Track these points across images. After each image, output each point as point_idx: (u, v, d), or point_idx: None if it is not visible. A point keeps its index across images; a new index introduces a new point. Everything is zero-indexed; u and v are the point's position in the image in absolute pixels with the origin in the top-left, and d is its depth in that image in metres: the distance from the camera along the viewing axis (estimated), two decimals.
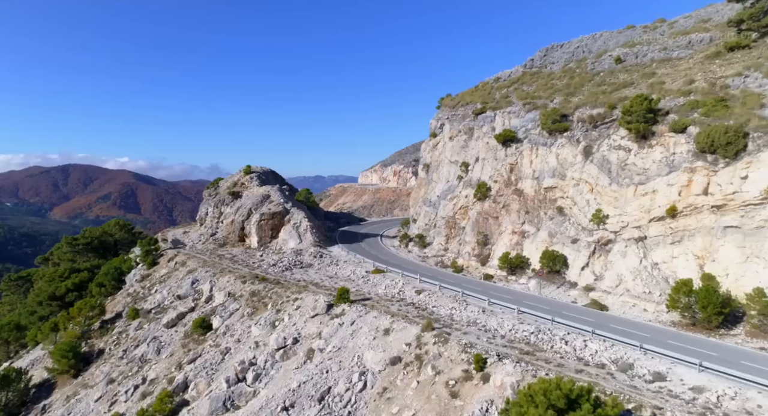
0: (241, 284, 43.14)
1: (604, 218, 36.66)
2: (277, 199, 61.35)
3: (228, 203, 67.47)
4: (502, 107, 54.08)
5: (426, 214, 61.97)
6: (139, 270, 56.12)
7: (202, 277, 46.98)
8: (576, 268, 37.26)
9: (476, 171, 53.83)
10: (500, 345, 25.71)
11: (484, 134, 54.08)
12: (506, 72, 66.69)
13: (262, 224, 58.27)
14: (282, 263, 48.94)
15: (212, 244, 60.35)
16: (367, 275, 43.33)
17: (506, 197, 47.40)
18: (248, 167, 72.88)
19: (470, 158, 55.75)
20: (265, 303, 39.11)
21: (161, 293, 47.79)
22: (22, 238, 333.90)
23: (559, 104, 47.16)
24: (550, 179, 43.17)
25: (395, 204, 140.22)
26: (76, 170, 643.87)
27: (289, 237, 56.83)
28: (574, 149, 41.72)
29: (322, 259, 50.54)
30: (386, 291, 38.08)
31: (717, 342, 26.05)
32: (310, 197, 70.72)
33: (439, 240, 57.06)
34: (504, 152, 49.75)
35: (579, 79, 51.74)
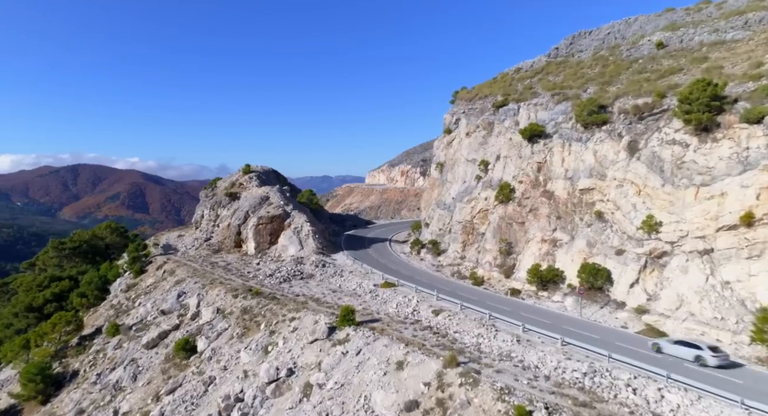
0: (232, 298, 37.95)
1: (657, 225, 30.85)
2: (277, 201, 56.20)
3: (225, 205, 62.50)
4: (526, 98, 48.36)
5: (440, 218, 56.39)
6: (125, 279, 51.32)
7: (190, 289, 41.89)
8: (623, 285, 31.47)
9: (497, 170, 48.16)
10: (546, 391, 20.11)
11: (507, 129, 48.40)
12: (528, 62, 60.93)
13: (259, 229, 53.15)
14: (280, 274, 43.71)
15: (206, 250, 55.35)
16: (375, 289, 37.91)
17: (534, 200, 41.70)
18: (247, 166, 67.89)
19: (490, 156, 50.10)
20: (258, 323, 33.86)
21: (145, 306, 42.80)
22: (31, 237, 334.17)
23: (595, 93, 41.37)
24: (586, 179, 37.42)
25: (403, 205, 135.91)
26: (85, 170, 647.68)
27: (289, 243, 51.62)
28: (615, 144, 35.93)
29: (325, 269, 45.20)
30: (398, 311, 32.61)
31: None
32: (313, 199, 65.44)
33: (454, 247, 51.47)
34: (530, 148, 44.03)
35: (615, 67, 45.88)
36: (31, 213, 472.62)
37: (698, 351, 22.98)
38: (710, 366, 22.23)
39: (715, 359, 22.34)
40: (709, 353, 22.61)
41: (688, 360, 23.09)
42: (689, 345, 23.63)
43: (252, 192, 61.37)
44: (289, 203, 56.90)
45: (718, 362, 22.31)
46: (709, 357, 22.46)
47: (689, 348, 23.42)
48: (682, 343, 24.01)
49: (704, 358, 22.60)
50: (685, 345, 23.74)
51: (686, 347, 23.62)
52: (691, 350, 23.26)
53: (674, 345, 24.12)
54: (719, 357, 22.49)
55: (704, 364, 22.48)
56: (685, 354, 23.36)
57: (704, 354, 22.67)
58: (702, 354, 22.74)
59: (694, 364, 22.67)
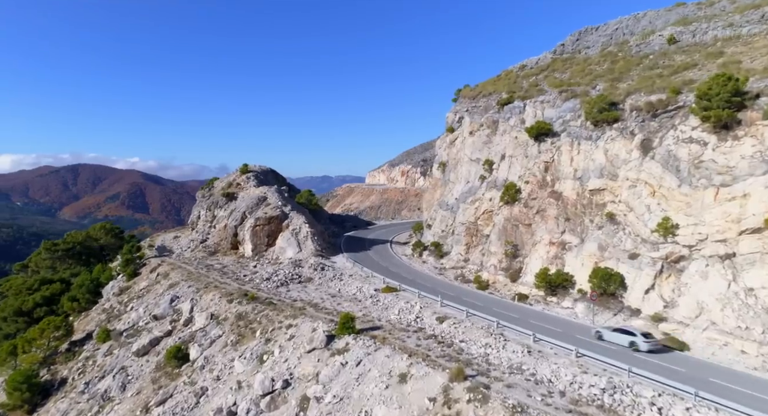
0: (227, 303, 36.37)
1: (673, 228, 29.22)
2: (275, 201, 54.61)
3: (222, 205, 60.95)
4: (532, 96, 46.75)
5: (442, 219, 54.79)
6: (118, 282, 49.75)
7: (184, 293, 40.31)
8: (638, 290, 29.84)
9: (502, 170, 46.56)
10: (562, 409, 18.52)
11: (512, 128, 46.80)
12: (533, 59, 59.33)
13: (256, 230, 51.57)
14: (277, 277, 42.13)
15: (202, 252, 53.78)
16: (376, 294, 36.32)
17: (541, 201, 40.09)
18: (245, 165, 66.32)
19: (495, 155, 48.50)
20: (253, 330, 32.27)
21: (137, 311, 41.24)
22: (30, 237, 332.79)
23: (605, 90, 39.75)
24: (596, 179, 35.81)
25: (403, 205, 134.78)
26: (85, 170, 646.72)
27: (287, 245, 50.03)
28: (627, 142, 34.31)
29: (324, 272, 43.61)
30: (400, 317, 31.01)
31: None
32: (312, 199, 63.83)
33: (458, 249, 49.87)
34: (537, 147, 42.43)
35: (624, 63, 44.27)
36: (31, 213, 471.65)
37: (632, 338, 24.60)
38: (642, 351, 23.87)
39: (647, 344, 24.03)
40: (642, 339, 24.27)
41: (624, 345, 24.67)
42: (625, 332, 25.18)
43: (249, 192, 59.81)
44: (287, 203, 55.33)
45: (649, 347, 23.98)
46: (642, 342, 24.14)
47: (625, 335, 25.03)
48: (619, 330, 25.66)
49: (637, 344, 24.32)
50: (622, 332, 25.29)
51: (623, 334, 25.20)
52: (627, 336, 24.88)
53: (613, 332, 25.66)
54: (650, 343, 24.15)
55: (637, 349, 24.16)
56: (622, 340, 24.95)
57: (637, 340, 24.36)
58: (635, 340, 24.43)
59: (628, 349, 24.29)
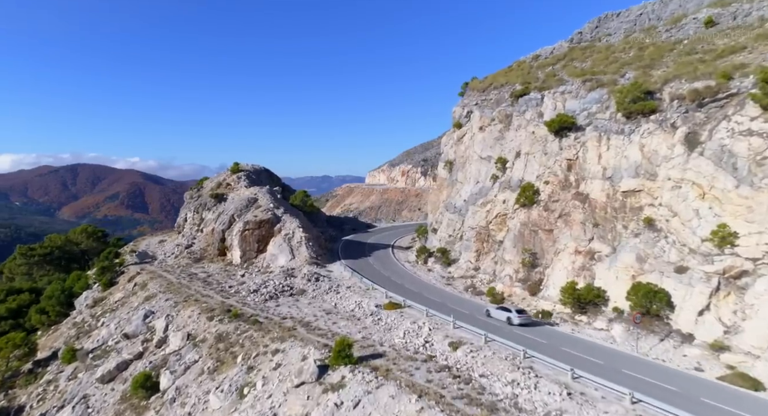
0: (207, 321, 31.74)
1: (731, 237, 24.57)
2: (266, 203, 49.97)
3: (210, 207, 56.40)
4: (551, 86, 42.09)
5: (449, 223, 50.16)
6: (92, 292, 45.16)
7: (160, 308, 35.68)
8: (689, 311, 25.17)
9: (517, 169, 41.90)
10: None
11: (528, 122, 42.14)
12: (547, 48, 54.68)
13: (245, 235, 46.93)
14: (266, 289, 37.49)
15: (186, 258, 49.15)
16: (377, 311, 31.65)
17: (564, 204, 35.44)
18: (236, 164, 61.72)
19: (508, 153, 43.85)
20: (234, 355, 27.64)
21: (108, 327, 36.62)
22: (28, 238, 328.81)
23: (636, 78, 35.08)
24: (631, 179, 31.16)
25: (404, 205, 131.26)
26: (85, 170, 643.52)
27: (278, 252, 45.39)
28: (668, 136, 29.65)
29: (319, 283, 38.95)
30: (406, 342, 26.33)
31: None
32: (307, 201, 59.08)
33: (467, 256, 45.25)
34: (558, 143, 37.79)
35: (655, 50, 39.57)
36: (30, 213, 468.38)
37: (508, 314, 28.78)
38: (514, 324, 27.98)
39: (518, 319, 28.22)
40: (515, 315, 28.45)
41: (503, 320, 28.81)
42: (504, 309, 29.60)
43: (240, 194, 55.23)
44: (280, 205, 50.68)
45: (521, 321, 28.17)
46: (515, 317, 28.33)
47: (504, 312, 29.33)
48: (501, 308, 30.16)
49: (512, 319, 28.40)
50: (502, 310, 29.73)
51: (502, 311, 29.57)
52: (505, 313, 29.13)
53: (497, 311, 30.11)
54: (521, 318, 28.37)
55: (511, 323, 28.25)
56: (502, 316, 29.18)
57: (512, 316, 28.51)
58: (510, 316, 28.58)
59: (506, 324, 28.31)
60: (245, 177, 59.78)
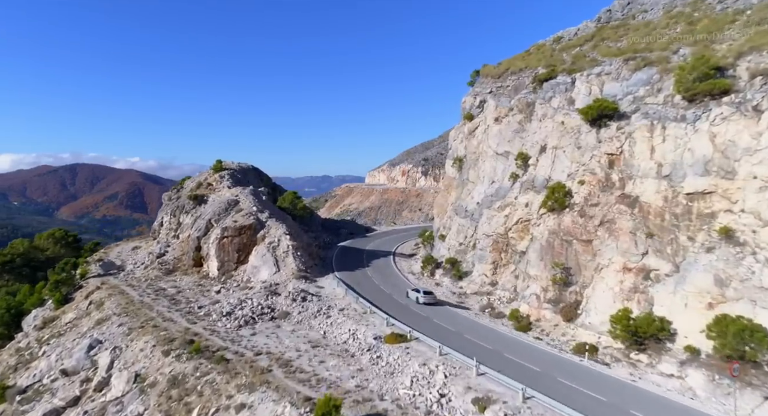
0: (162, 357, 25.22)
1: None
2: (248, 206, 43.42)
3: (188, 210, 49.89)
4: (582, 68, 35.48)
5: (460, 229, 43.56)
6: (42, 311, 38.71)
7: (110, 336, 29.13)
8: None
9: (543, 166, 35.30)
10: None
11: (555, 111, 35.51)
12: (570, 30, 48.03)
13: (224, 244, 40.36)
14: (242, 311, 30.93)
15: (157, 269, 42.58)
16: (376, 345, 25.02)
17: (606, 209, 28.81)
18: (218, 162, 55.16)
19: (531, 147, 37.23)
20: (189, 407, 21.15)
21: (49, 358, 30.08)
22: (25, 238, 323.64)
23: (694, 54, 28.44)
24: (698, 177, 24.54)
25: (404, 205, 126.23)
26: (84, 170, 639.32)
27: (261, 263, 38.82)
28: (751, 122, 23.02)
29: (306, 304, 32.35)
30: (414, 394, 19.71)
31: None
32: (298, 203, 52.31)
33: (481, 269, 38.65)
34: (595, 135, 31.18)
35: (710, 23, 32.90)
36: (28, 213, 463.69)
37: (418, 294, 34.13)
38: (421, 303, 33.36)
39: (424, 298, 33.63)
40: (422, 295, 33.88)
41: (414, 300, 34.23)
42: (416, 291, 34.76)
43: (221, 194, 48.72)
44: (265, 209, 44.09)
45: (425, 300, 33.51)
46: (421, 297, 33.79)
47: (416, 293, 34.43)
48: (414, 290, 35.15)
49: (419, 298, 33.78)
50: (414, 291, 34.89)
51: (415, 292, 34.69)
52: (417, 294, 34.30)
53: (412, 292, 35.02)
54: (427, 297, 33.69)
55: (418, 302, 33.62)
56: (415, 296, 34.37)
57: (420, 296, 33.92)
58: (419, 296, 33.95)
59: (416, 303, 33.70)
60: (229, 176, 53.27)
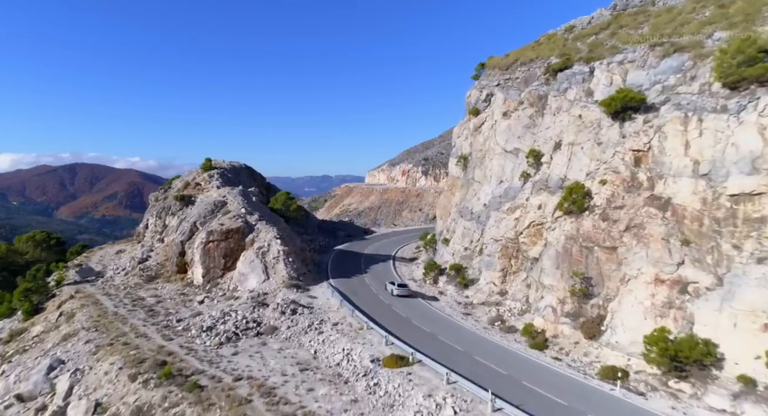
0: (129, 382, 22.00)
1: None
2: (236, 208, 40.20)
3: (175, 212, 46.72)
4: (602, 56, 32.23)
5: (465, 232, 40.32)
6: (10, 322, 35.54)
7: (75, 355, 25.89)
8: None
9: (558, 165, 32.05)
10: None
11: (572, 103, 32.26)
12: (584, 18, 44.70)
13: (209, 249, 37.16)
14: (225, 326, 27.72)
15: (138, 276, 39.40)
16: (374, 369, 21.73)
17: (633, 212, 25.54)
18: (208, 161, 51.94)
19: (544, 144, 33.99)
20: None
21: (7, 379, 26.87)
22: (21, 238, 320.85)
23: (731, 38, 25.18)
24: (745, 176, 21.29)
25: (404, 205, 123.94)
26: (83, 170, 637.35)
27: (249, 271, 35.61)
28: None
29: (296, 317, 29.11)
30: None
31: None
32: (291, 204, 48.99)
33: (489, 276, 35.43)
34: (618, 129, 27.94)
35: (745, 4, 29.57)
36: (27, 213, 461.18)
37: (393, 286, 36.41)
38: (395, 295, 35.47)
39: (397, 291, 35.72)
40: (396, 288, 36.00)
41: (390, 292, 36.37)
42: (392, 283, 37.02)
43: (209, 195, 45.52)
44: (254, 211, 40.85)
45: (399, 292, 35.62)
46: (394, 289, 35.97)
47: (392, 285, 36.66)
48: (391, 283, 37.39)
49: (393, 291, 35.91)
50: (391, 284, 37.04)
51: (391, 285, 36.84)
52: (392, 286, 36.48)
53: (390, 285, 37.15)
54: (400, 290, 35.86)
55: (392, 294, 35.75)
56: (391, 288, 36.51)
57: (394, 288, 36.12)
58: (393, 288, 36.18)
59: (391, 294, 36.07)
60: (218, 176, 50.07)
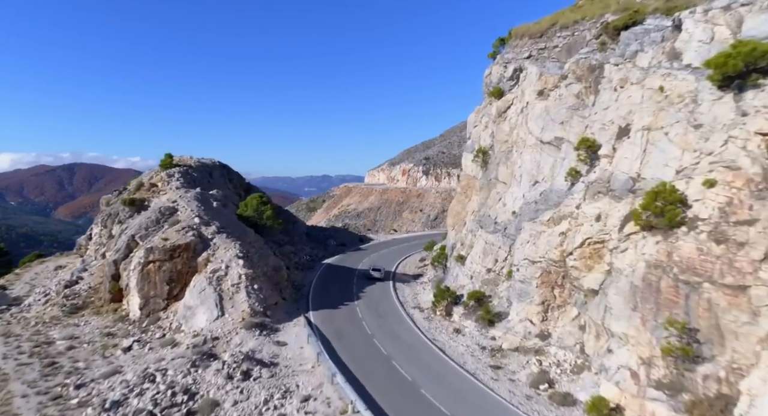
0: None
1: None
2: (188, 217, 30.84)
3: (123, 219, 37.42)
4: (692, 2, 22.73)
5: (487, 248, 30.88)
6: None
7: None
8: None
9: (625, 158, 22.56)
10: None
11: (646, 71, 22.76)
12: None
13: (149, 271, 27.81)
14: (138, 403, 18.36)
15: (59, 306, 30.03)
16: None
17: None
18: (168, 156, 42.49)
19: (601, 130, 24.51)
20: None
21: None
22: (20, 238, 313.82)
23: None
24: None
25: (404, 206, 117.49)
26: (82, 169, 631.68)
27: (198, 303, 26.20)
28: None
29: (249, 387, 19.61)
30: None
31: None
32: (264, 211, 38.93)
33: (523, 311, 26.01)
34: (732, 103, 18.49)
35: None
36: (25, 213, 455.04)
37: (373, 272, 40.87)
38: (374, 278, 39.85)
39: (375, 274, 40.39)
40: (376, 271, 40.81)
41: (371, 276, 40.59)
42: (375, 270, 41.32)
43: (161, 200, 36.21)
44: (212, 220, 31.43)
45: (377, 276, 40.18)
46: (374, 272, 40.68)
47: (372, 271, 41.01)
48: (373, 269, 41.64)
49: (374, 275, 40.37)
50: (374, 270, 41.22)
51: (372, 271, 41.14)
52: (373, 272, 40.89)
53: (371, 271, 41.33)
54: (377, 273, 40.55)
55: (372, 278, 40.12)
56: (372, 273, 40.79)
57: (374, 273, 40.60)
58: (373, 273, 40.62)
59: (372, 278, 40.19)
60: (180, 176, 40.72)
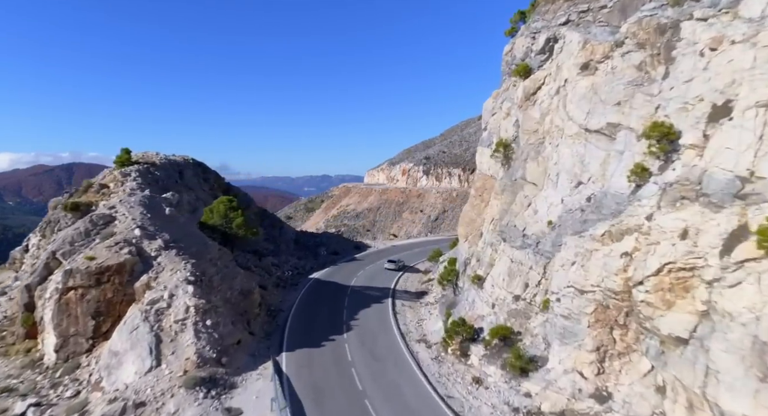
0: None
1: None
2: (127, 227, 23.84)
3: (63, 227, 30.57)
4: None
5: (514, 268, 23.88)
6: None
7: None
8: None
9: (725, 150, 15.55)
10: None
11: (759, 24, 15.78)
12: None
13: (68, 301, 20.91)
14: None
15: None
16: None
17: None
18: (125, 152, 35.45)
19: (680, 112, 17.50)
20: None
21: None
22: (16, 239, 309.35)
23: None
24: None
25: (404, 206, 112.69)
26: (80, 169, 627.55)
27: (128, 348, 19.26)
28: None
29: None
30: None
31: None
32: (234, 217, 31.33)
33: (567, 357, 19.03)
34: None
35: None
36: (23, 213, 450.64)
37: (388, 263, 44.03)
38: (388, 269, 42.90)
39: (389, 265, 43.53)
40: (391, 263, 43.76)
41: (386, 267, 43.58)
42: (390, 262, 44.42)
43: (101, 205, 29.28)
44: (159, 233, 24.41)
45: (392, 267, 43.15)
46: (387, 264, 43.94)
47: (388, 263, 44.18)
48: (389, 261, 44.73)
49: (389, 266, 43.59)
50: (389, 262, 44.35)
51: (389, 262, 44.14)
52: (389, 263, 44.06)
53: (387, 262, 44.52)
54: (393, 264, 43.54)
55: (387, 268, 43.21)
56: (387, 265, 43.90)
57: (388, 265, 43.68)
58: (388, 265, 43.68)
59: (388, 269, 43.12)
60: (138, 175, 33.81)
